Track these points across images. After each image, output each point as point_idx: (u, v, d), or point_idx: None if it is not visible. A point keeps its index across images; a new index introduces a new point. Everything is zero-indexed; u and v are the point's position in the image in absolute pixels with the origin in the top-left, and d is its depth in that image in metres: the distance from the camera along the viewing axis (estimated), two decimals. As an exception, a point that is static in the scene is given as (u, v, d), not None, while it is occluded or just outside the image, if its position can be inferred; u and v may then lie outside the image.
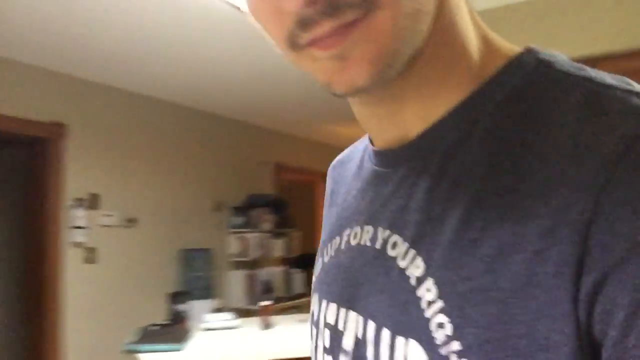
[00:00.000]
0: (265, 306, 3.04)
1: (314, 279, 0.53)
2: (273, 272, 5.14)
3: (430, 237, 0.38)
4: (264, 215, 5.13)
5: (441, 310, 0.35)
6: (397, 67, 0.36)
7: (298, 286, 5.47)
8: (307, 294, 5.45)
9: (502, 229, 0.33)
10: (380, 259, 0.42)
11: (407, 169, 0.42)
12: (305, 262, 5.64)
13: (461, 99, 0.40)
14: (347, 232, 0.48)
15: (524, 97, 0.37)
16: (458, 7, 0.40)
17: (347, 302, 0.44)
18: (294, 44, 0.36)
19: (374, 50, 0.35)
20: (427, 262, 0.37)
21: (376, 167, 0.47)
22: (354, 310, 0.43)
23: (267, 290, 4.95)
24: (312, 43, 0.35)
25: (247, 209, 5.00)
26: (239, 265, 4.90)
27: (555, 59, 0.39)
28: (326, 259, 0.51)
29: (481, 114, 0.39)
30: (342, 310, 0.45)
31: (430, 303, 0.36)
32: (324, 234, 0.55)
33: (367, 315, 0.41)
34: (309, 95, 4.41)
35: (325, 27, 0.34)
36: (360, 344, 0.42)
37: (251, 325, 3.14)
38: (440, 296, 0.35)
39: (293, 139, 6.06)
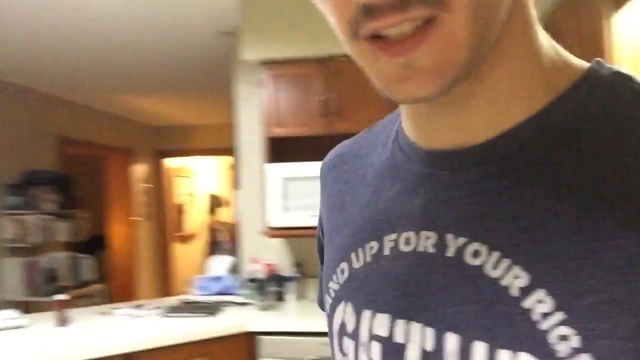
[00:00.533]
0: (61, 300, 2.67)
1: (332, 285, 0.50)
2: (57, 259, 4.57)
3: (528, 246, 0.36)
4: (45, 194, 4.54)
5: (563, 323, 0.34)
6: (464, 77, 0.36)
7: (86, 273, 4.96)
8: (98, 281, 5.00)
9: (629, 239, 0.33)
10: (455, 267, 0.40)
11: (479, 172, 0.41)
12: (94, 246, 5.14)
13: (538, 108, 0.39)
14: (391, 237, 0.45)
15: (610, 108, 0.38)
16: (530, 15, 0.40)
17: (406, 312, 0.42)
18: (354, 32, 0.36)
19: (443, 63, 0.34)
20: (530, 272, 0.36)
21: (428, 169, 0.44)
22: (417, 321, 0.41)
23: (50, 279, 4.38)
24: (379, 43, 0.35)
25: (24, 187, 4.38)
26: (16, 251, 4.28)
27: (629, 73, 0.40)
28: (356, 265, 0.48)
29: (567, 123, 0.38)
30: (400, 322, 0.42)
31: (545, 315, 0.35)
32: (338, 235, 0.52)
33: (443, 327, 0.39)
34: (98, 59, 3.96)
35: (390, 20, 0.33)
36: (430, 357, 0.40)
37: (43, 322, 2.73)
38: (560, 308, 0.34)
39: (79, 108, 5.44)
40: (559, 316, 0.34)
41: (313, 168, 2.71)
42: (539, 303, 0.35)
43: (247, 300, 3.05)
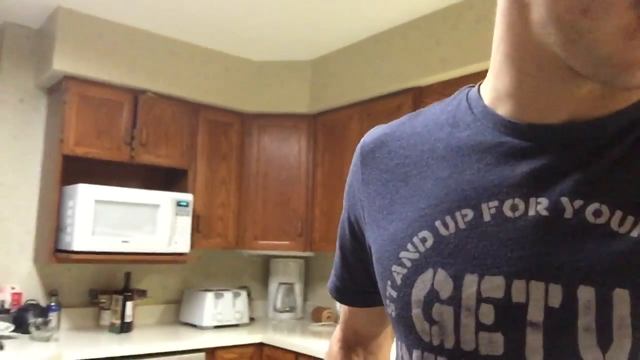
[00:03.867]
0: None
1: (408, 254, 0.50)
2: None
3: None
4: None
5: None
6: None
7: None
8: None
9: None
10: (576, 227, 0.41)
11: (590, 146, 0.44)
12: None
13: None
14: (490, 204, 0.46)
15: None
16: None
17: (524, 273, 0.42)
18: (635, 4, 0.36)
19: None
20: None
21: (531, 142, 0.47)
22: (540, 280, 0.42)
23: None
24: None
25: None
26: None
27: None
28: (445, 232, 0.48)
29: None
30: (518, 282, 0.42)
31: None
32: (406, 207, 0.53)
33: (574, 281, 0.40)
34: None
35: None
36: (557, 313, 0.41)
37: None
38: None
39: None
40: None
41: (125, 193, 2.85)
42: None
43: (10, 334, 2.66)
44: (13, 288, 2.89)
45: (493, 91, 0.51)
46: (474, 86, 0.55)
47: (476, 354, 0.44)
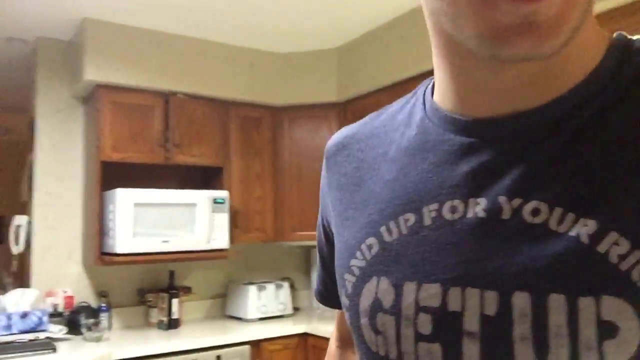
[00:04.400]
0: None
1: (357, 262, 0.49)
2: None
3: (591, 197, 0.37)
4: None
5: None
6: (572, 38, 0.36)
7: None
8: None
9: None
10: (514, 229, 0.39)
11: (530, 138, 0.41)
12: None
13: (585, 74, 0.40)
14: (430, 207, 0.44)
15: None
16: None
17: (460, 279, 0.40)
18: None
19: (565, 16, 0.34)
20: (598, 219, 0.36)
21: (471, 138, 0.44)
22: (474, 287, 0.39)
23: None
24: None
25: None
26: None
27: None
28: (389, 238, 0.46)
29: (614, 86, 0.40)
30: (454, 290, 0.40)
31: (623, 256, 0.35)
32: (359, 213, 0.51)
33: (509, 287, 0.38)
34: None
35: None
36: (492, 322, 0.38)
37: None
38: (637, 246, 0.35)
39: None
40: (638, 255, 0.34)
41: (162, 194, 2.91)
42: (615, 245, 0.35)
43: (64, 337, 2.78)
44: (65, 292, 3.03)
45: (437, 85, 0.49)
46: (433, 79, 0.52)
47: None
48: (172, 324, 3.08)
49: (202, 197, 3.07)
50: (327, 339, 2.98)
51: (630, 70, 0.40)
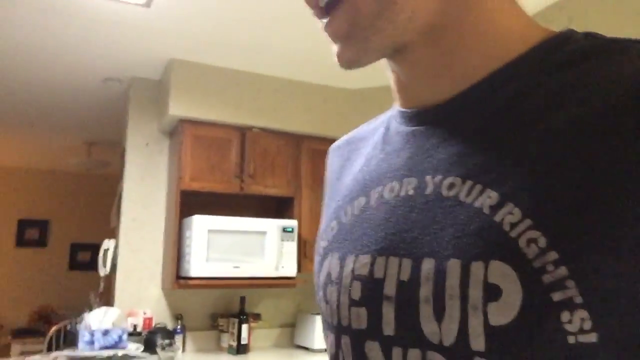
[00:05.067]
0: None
1: (322, 243, 0.54)
2: None
3: (497, 170, 0.40)
4: None
5: (530, 227, 0.37)
6: (385, 48, 0.46)
7: None
8: None
9: (587, 157, 0.36)
10: (432, 202, 0.43)
11: (454, 122, 0.46)
12: None
13: (500, 65, 0.44)
14: (377, 189, 0.50)
15: (581, 58, 0.41)
16: None
17: (386, 250, 0.45)
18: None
19: (350, 32, 0.45)
20: (500, 191, 0.39)
21: (413, 127, 0.50)
22: (395, 256, 0.44)
23: None
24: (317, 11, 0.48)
25: None
26: None
27: (599, 34, 0.43)
28: (345, 219, 0.52)
29: (535, 73, 0.43)
30: (380, 259, 0.45)
31: (514, 224, 0.37)
32: (333, 202, 0.57)
33: (420, 255, 0.42)
34: None
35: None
36: (405, 286, 0.42)
37: None
38: (527, 215, 0.37)
39: None
40: (527, 222, 0.37)
41: (234, 222, 3.03)
42: (509, 215, 0.38)
43: (139, 354, 2.95)
44: (145, 313, 3.22)
45: (391, 82, 0.55)
46: None
47: (349, 328, 0.47)
48: (241, 349, 3.17)
49: (272, 226, 3.18)
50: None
51: (558, 57, 0.43)
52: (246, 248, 3.10)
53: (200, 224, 2.99)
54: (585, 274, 0.34)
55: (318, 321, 3.31)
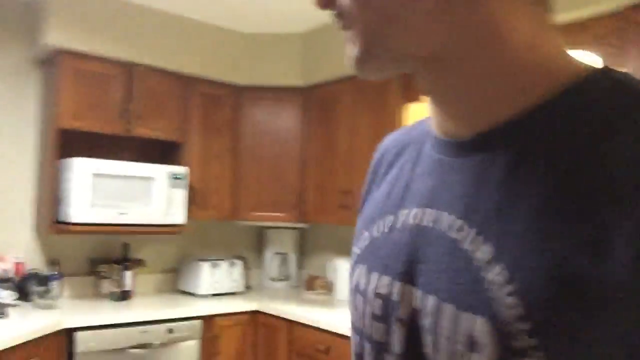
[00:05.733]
0: None
1: (356, 250, 0.59)
2: None
3: (499, 225, 0.41)
4: None
5: (512, 294, 0.38)
6: (392, 68, 0.49)
7: None
8: None
9: (579, 226, 0.37)
10: (443, 240, 0.45)
11: (477, 160, 0.46)
12: None
13: (529, 105, 0.44)
14: (404, 212, 0.52)
15: (599, 109, 0.41)
16: (498, 21, 0.44)
17: (404, 275, 0.49)
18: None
19: (356, 52, 0.48)
20: (496, 248, 0.41)
21: (441, 156, 0.51)
22: (411, 284, 0.48)
23: None
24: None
25: None
26: None
27: (631, 80, 0.42)
28: (376, 234, 0.55)
29: (556, 121, 0.42)
30: (397, 284, 0.49)
31: (500, 286, 0.39)
32: (369, 209, 0.60)
33: (427, 290, 0.46)
34: None
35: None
36: (416, 314, 0.47)
37: None
38: (512, 280, 0.39)
39: None
40: (510, 288, 0.39)
41: (121, 166, 2.92)
42: (497, 275, 0.40)
43: (12, 302, 2.76)
44: (16, 258, 2.99)
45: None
46: None
47: (372, 338, 0.53)
48: (124, 296, 3.09)
49: (161, 172, 3.07)
50: (277, 317, 3.07)
51: (575, 111, 0.42)
52: (133, 194, 2.97)
53: (83, 167, 2.80)
54: (555, 347, 0.37)
55: (203, 267, 3.32)
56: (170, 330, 2.88)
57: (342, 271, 3.30)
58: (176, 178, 3.13)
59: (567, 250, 0.37)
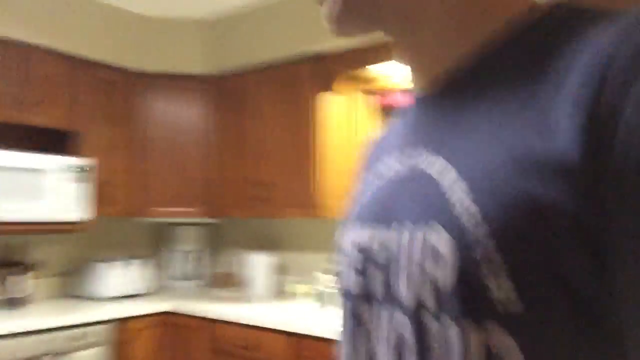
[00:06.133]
0: None
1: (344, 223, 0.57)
2: None
3: (452, 141, 0.43)
4: None
5: (466, 192, 0.39)
6: (362, 22, 0.49)
7: None
8: None
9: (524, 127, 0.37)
10: (410, 175, 0.46)
11: (434, 99, 0.49)
12: None
13: (479, 41, 0.45)
14: (387, 159, 0.53)
15: (556, 31, 0.40)
16: None
17: (380, 216, 0.48)
18: None
19: (330, 8, 0.49)
20: (447, 158, 0.42)
21: (417, 110, 0.51)
22: (385, 227, 0.47)
23: None
24: None
25: None
26: None
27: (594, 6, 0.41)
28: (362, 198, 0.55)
29: (495, 55, 0.44)
30: (373, 230, 0.48)
31: (453, 189, 0.40)
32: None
33: (401, 224, 0.44)
34: None
35: None
36: (391, 252, 0.45)
37: None
38: (464, 180, 0.39)
39: None
40: (462, 184, 0.39)
41: (10, 157, 2.63)
42: (452, 182, 0.40)
43: None
44: None
45: None
46: None
47: (351, 293, 0.51)
48: (15, 303, 2.73)
49: (54, 163, 2.76)
50: (192, 317, 2.88)
51: (538, 37, 0.42)
52: (20, 188, 2.63)
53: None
54: (510, 248, 0.36)
55: (104, 268, 3.03)
56: (72, 338, 2.58)
57: (257, 265, 3.16)
58: (71, 171, 2.82)
59: (517, 136, 0.37)
